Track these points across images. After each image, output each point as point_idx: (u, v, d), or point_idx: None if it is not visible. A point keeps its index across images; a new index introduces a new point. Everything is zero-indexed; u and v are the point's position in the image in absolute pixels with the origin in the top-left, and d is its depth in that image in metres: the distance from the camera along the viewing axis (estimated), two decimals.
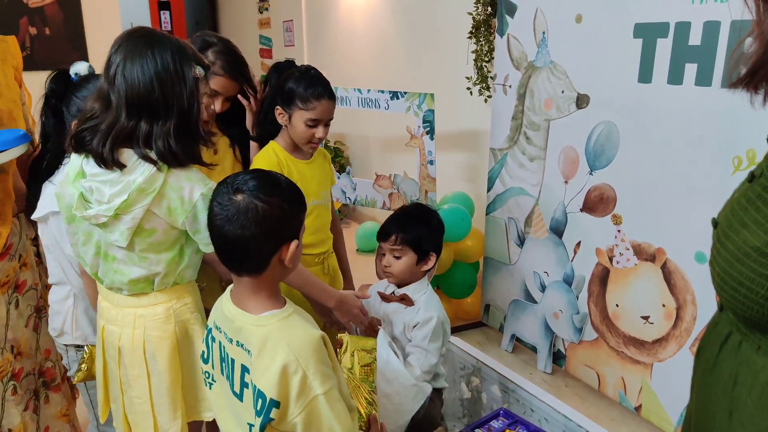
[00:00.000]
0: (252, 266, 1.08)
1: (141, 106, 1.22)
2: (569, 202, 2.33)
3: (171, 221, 1.26)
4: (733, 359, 0.77)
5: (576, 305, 2.36)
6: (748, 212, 0.72)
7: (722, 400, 0.79)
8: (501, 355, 2.70)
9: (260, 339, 1.05)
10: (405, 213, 1.81)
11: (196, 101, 1.26)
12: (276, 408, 1.02)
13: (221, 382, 1.18)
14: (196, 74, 1.27)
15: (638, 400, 2.16)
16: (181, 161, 1.25)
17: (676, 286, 1.98)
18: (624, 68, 2.02)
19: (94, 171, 1.26)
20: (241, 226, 1.04)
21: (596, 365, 2.33)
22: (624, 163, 2.09)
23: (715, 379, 0.81)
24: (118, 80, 1.21)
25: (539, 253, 2.51)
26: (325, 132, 1.69)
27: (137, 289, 1.33)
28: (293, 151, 1.73)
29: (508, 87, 2.53)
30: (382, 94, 2.87)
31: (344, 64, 4.61)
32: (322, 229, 1.82)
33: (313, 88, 1.65)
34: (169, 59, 1.22)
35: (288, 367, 1.01)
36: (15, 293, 1.51)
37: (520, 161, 2.54)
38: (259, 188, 1.06)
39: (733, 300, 0.74)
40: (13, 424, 1.50)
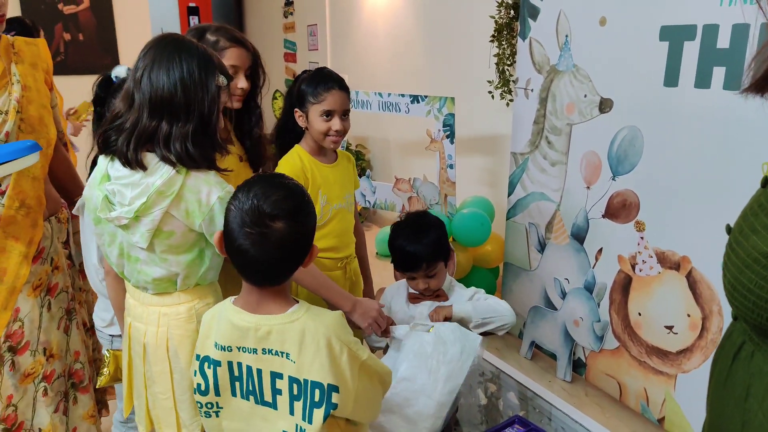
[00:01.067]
0: (274, 281, 1.12)
1: (163, 107, 1.25)
2: (591, 208, 2.29)
3: (189, 224, 1.28)
4: (746, 370, 0.75)
5: (597, 313, 2.32)
6: (758, 218, 0.71)
7: (735, 412, 0.77)
8: (520, 362, 2.66)
9: (298, 333, 1.07)
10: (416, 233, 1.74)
11: (216, 109, 1.30)
12: (336, 392, 1.05)
13: (234, 405, 1.16)
14: (219, 83, 1.30)
15: (661, 412, 2.11)
16: (198, 164, 1.27)
17: (702, 295, 1.93)
18: (649, 71, 1.98)
19: (117, 174, 1.29)
20: (281, 252, 1.07)
21: (618, 375, 2.28)
22: (648, 169, 2.04)
23: (728, 391, 0.79)
24: (144, 82, 1.25)
25: (560, 260, 2.47)
26: (342, 124, 1.68)
27: (161, 288, 1.36)
28: (317, 155, 1.74)
29: (530, 91, 2.50)
30: (402, 97, 2.86)
31: (366, 67, 4.61)
32: (346, 232, 1.82)
33: (323, 83, 1.66)
34: (195, 67, 1.26)
35: (334, 350, 1.06)
36: (47, 296, 1.54)
37: (542, 166, 2.50)
38: (294, 211, 1.08)
39: (743, 307, 0.73)
40: (43, 425, 1.53)
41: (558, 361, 2.54)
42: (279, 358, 1.08)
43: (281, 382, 1.09)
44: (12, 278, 1.44)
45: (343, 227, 1.80)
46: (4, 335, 1.45)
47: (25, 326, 1.48)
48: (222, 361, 1.13)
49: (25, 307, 1.48)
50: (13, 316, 1.46)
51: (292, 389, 1.08)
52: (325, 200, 1.70)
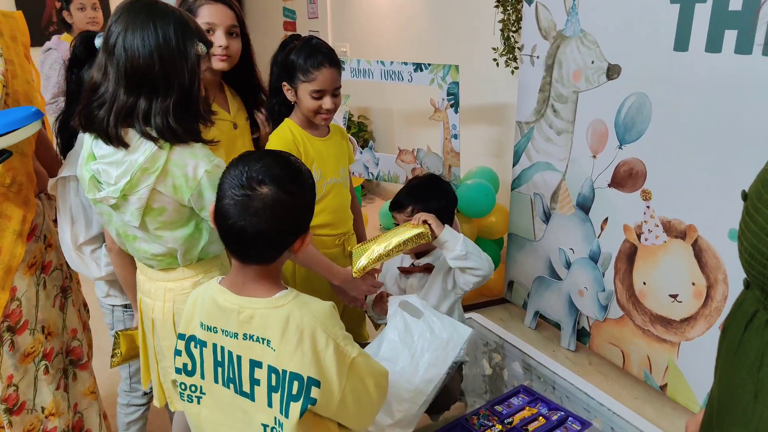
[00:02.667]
0: (265, 257, 1.04)
1: (141, 81, 1.19)
2: (597, 177, 2.26)
3: (178, 199, 1.25)
4: (759, 339, 0.74)
5: (602, 282, 2.31)
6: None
7: (747, 382, 0.75)
8: (524, 332, 2.67)
9: (281, 320, 1.00)
10: (420, 184, 1.76)
11: (197, 78, 1.23)
12: (317, 387, 0.98)
13: (216, 392, 1.09)
14: (199, 51, 1.22)
15: (664, 379, 2.12)
16: (181, 138, 1.22)
17: (708, 264, 1.91)
18: (659, 36, 1.93)
19: (101, 152, 1.25)
20: (266, 220, 0.98)
21: (621, 343, 2.28)
22: (655, 137, 2.01)
23: (740, 360, 0.78)
24: (118, 51, 1.18)
25: (565, 230, 2.46)
26: (333, 102, 1.63)
27: (164, 264, 1.34)
28: (308, 128, 1.68)
29: (536, 58, 2.46)
30: (405, 66, 2.81)
31: (368, 35, 4.53)
32: (342, 208, 1.78)
33: (312, 58, 1.59)
34: (171, 33, 1.19)
35: (318, 342, 0.99)
36: (42, 274, 1.52)
37: (547, 135, 2.47)
38: (284, 179, 1.00)
39: (761, 277, 0.71)
40: (45, 402, 1.53)
41: (562, 330, 2.54)
42: (260, 344, 1.01)
43: (260, 372, 1.02)
44: (8, 257, 1.42)
45: (339, 203, 1.75)
46: (2, 315, 1.43)
47: (23, 305, 1.46)
48: (208, 342, 1.08)
49: (21, 286, 1.46)
50: (10, 296, 1.45)
51: (270, 379, 1.01)
52: (319, 174, 1.66)
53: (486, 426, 1.64)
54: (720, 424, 0.84)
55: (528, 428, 1.63)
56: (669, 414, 2.09)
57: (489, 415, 1.68)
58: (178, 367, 1.11)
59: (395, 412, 1.42)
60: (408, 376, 1.44)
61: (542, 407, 1.72)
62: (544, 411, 1.70)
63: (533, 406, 1.73)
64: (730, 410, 0.80)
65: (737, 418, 0.78)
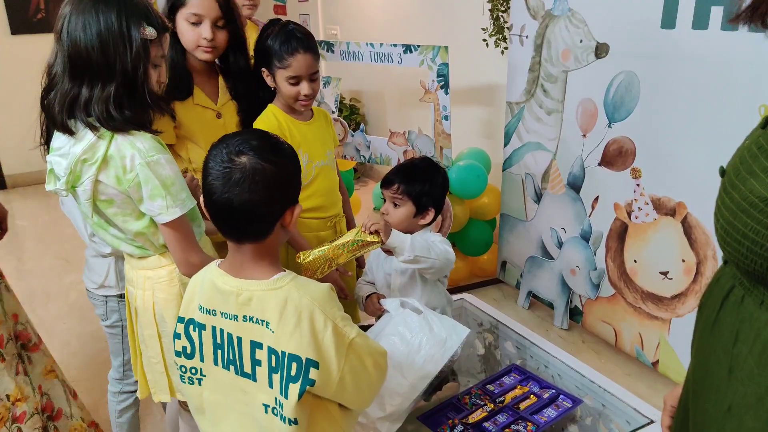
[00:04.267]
0: (256, 232, 1.03)
1: (83, 68, 1.16)
2: (587, 157, 2.27)
3: (121, 191, 1.22)
4: (735, 315, 0.74)
5: (593, 261, 2.33)
6: (757, 160, 0.68)
7: (722, 358, 0.76)
8: (517, 312, 2.69)
9: (280, 302, 1.00)
10: (411, 165, 1.75)
11: (142, 64, 1.19)
12: (315, 368, 0.99)
13: (216, 374, 1.10)
14: (146, 35, 1.18)
15: (655, 355, 2.14)
16: (120, 127, 1.18)
17: (697, 241, 1.93)
18: (646, 14, 1.92)
19: (56, 144, 1.24)
20: (249, 189, 0.97)
21: (613, 321, 2.30)
22: (644, 115, 2.01)
23: (716, 336, 0.78)
24: (63, 36, 1.16)
25: (556, 209, 2.46)
26: (311, 87, 1.62)
27: (138, 252, 1.33)
28: (292, 113, 1.68)
29: (525, 38, 2.44)
30: (394, 47, 2.79)
31: (357, 17, 4.49)
32: (331, 191, 1.79)
33: (286, 44, 1.57)
34: (114, 18, 1.15)
35: (316, 324, 1.00)
36: None
37: (537, 115, 2.47)
38: (263, 149, 1.00)
39: (736, 253, 0.71)
40: (9, 390, 1.52)
41: (555, 309, 2.56)
42: (259, 326, 1.02)
43: (261, 353, 1.03)
44: None
45: (329, 185, 1.76)
46: None
47: None
48: (206, 324, 1.08)
49: None
50: None
51: (270, 360, 1.01)
52: (307, 158, 1.66)
53: (478, 405, 1.66)
54: (695, 400, 0.84)
55: (519, 406, 1.65)
56: (661, 390, 2.12)
57: (481, 395, 1.71)
58: (177, 350, 1.12)
59: (387, 405, 1.44)
60: (404, 371, 1.45)
61: (534, 386, 1.74)
62: (536, 389, 1.73)
63: (525, 385, 1.75)
64: (705, 386, 0.81)
65: (712, 394, 0.78)
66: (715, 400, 0.77)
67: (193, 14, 1.54)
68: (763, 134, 0.70)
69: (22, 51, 4.54)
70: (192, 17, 1.54)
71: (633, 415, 1.57)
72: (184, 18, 1.56)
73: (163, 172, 1.22)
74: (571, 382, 1.75)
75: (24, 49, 4.53)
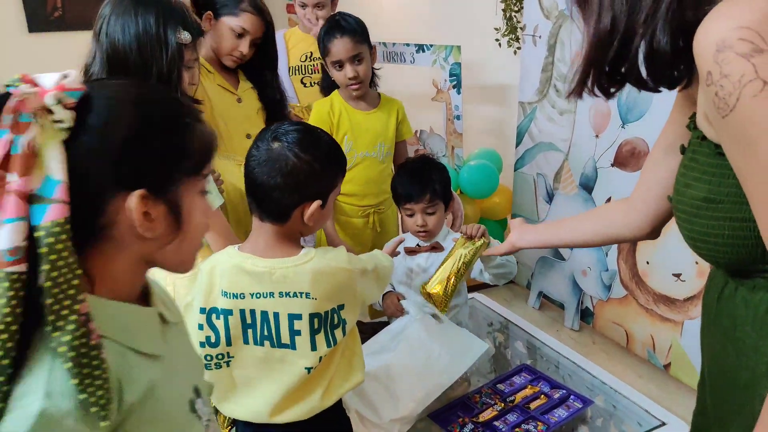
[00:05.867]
0: (273, 213, 1.10)
1: (120, 69, 1.19)
2: (600, 157, 2.26)
3: None
4: (731, 305, 0.79)
5: (605, 262, 2.32)
6: (687, 174, 0.77)
7: (727, 346, 0.80)
8: (528, 312, 2.68)
9: (313, 272, 1.09)
10: (420, 168, 1.75)
11: (176, 68, 1.22)
12: (342, 310, 1.13)
13: (247, 352, 1.15)
14: (181, 39, 1.21)
15: (667, 358, 2.13)
16: None
17: None
18: None
19: None
20: (268, 173, 1.06)
21: (625, 323, 2.29)
22: (658, 115, 2.00)
23: (718, 328, 0.82)
24: (102, 36, 1.20)
25: (568, 210, 2.46)
26: (354, 70, 1.72)
27: None
28: (352, 100, 1.78)
29: (538, 38, 2.44)
30: (407, 47, 2.80)
31: (369, 16, 4.48)
32: (371, 182, 1.84)
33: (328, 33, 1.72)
34: (152, 21, 1.18)
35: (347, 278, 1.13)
36: None
37: (550, 115, 2.46)
38: (296, 141, 1.08)
39: (709, 253, 0.77)
40: None
41: (566, 310, 2.56)
42: (298, 299, 1.09)
43: (300, 323, 1.10)
44: None
45: (369, 176, 1.82)
46: None
47: None
48: (234, 309, 1.12)
49: None
50: None
51: (312, 325, 1.10)
52: (350, 146, 1.74)
53: (488, 404, 1.66)
54: (713, 394, 0.87)
55: (530, 406, 1.65)
56: (672, 393, 2.10)
57: (491, 394, 1.71)
58: (201, 341, 1.16)
59: (401, 409, 1.45)
60: (421, 378, 1.47)
61: (544, 386, 1.74)
62: (546, 389, 1.72)
63: (535, 385, 1.74)
64: (718, 377, 0.84)
65: (726, 382, 0.82)
66: (730, 385, 0.80)
67: (242, 27, 1.63)
68: (685, 156, 0.80)
69: (40, 49, 4.59)
70: (239, 29, 1.63)
71: (644, 417, 1.56)
72: (230, 26, 1.64)
73: None
74: (582, 383, 1.74)
75: (41, 47, 4.58)
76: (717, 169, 0.72)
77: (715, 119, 0.66)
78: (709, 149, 0.73)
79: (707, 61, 0.63)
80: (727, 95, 0.62)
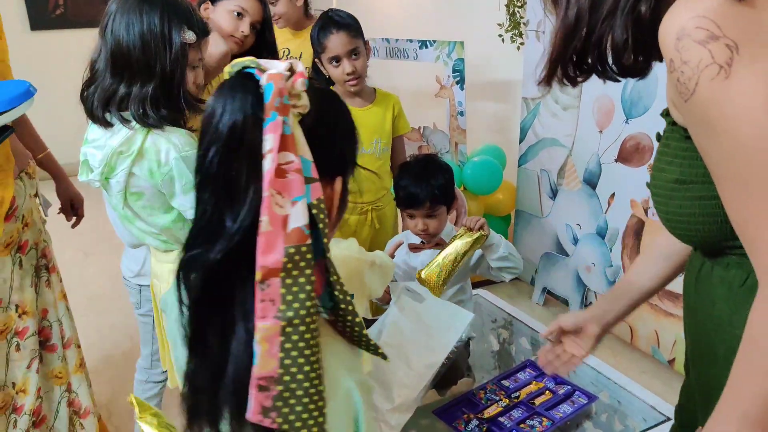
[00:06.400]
0: None
1: (123, 66, 1.19)
2: (603, 153, 2.25)
3: (153, 184, 1.25)
4: (708, 283, 0.83)
5: (609, 258, 2.32)
6: (661, 159, 0.82)
7: (707, 323, 0.84)
8: (532, 309, 2.69)
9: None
10: (422, 171, 1.72)
11: (179, 67, 1.22)
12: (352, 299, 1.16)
13: None
14: (185, 39, 1.21)
15: (672, 353, 2.13)
16: (154, 124, 1.21)
17: None
18: None
19: (92, 136, 1.27)
20: None
21: (629, 318, 2.29)
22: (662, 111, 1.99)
23: (698, 307, 0.87)
24: (107, 35, 1.20)
25: (572, 206, 2.45)
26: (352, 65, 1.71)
27: (164, 246, 1.35)
28: (347, 97, 1.77)
29: (542, 33, 2.43)
30: (410, 43, 2.80)
31: (372, 12, 4.49)
32: (368, 178, 1.82)
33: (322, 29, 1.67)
34: (157, 20, 1.18)
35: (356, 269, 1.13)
36: (18, 253, 1.50)
37: (553, 111, 2.46)
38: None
39: (686, 233, 0.81)
40: (16, 379, 1.52)
41: (570, 306, 2.56)
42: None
43: None
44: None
45: (365, 173, 1.81)
46: None
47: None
48: None
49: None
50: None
51: None
52: None
53: (493, 400, 1.66)
54: (695, 371, 0.93)
55: (534, 402, 1.65)
56: (677, 388, 2.08)
57: (496, 390, 1.71)
58: None
59: (395, 396, 1.44)
60: (409, 361, 1.45)
61: (549, 381, 1.74)
62: (551, 385, 1.72)
63: (540, 381, 1.74)
64: (700, 355, 0.89)
65: (706, 358, 0.87)
66: (710, 362, 0.84)
67: (240, 7, 1.63)
68: (660, 144, 0.84)
69: (42, 47, 4.59)
70: (237, 8, 1.63)
71: (649, 412, 1.56)
72: (228, 8, 1.64)
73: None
74: (587, 379, 1.74)
75: (43, 45, 4.59)
76: (687, 152, 0.76)
77: (680, 104, 0.70)
78: (679, 134, 0.77)
79: (669, 49, 0.67)
80: (687, 80, 0.66)
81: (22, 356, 1.53)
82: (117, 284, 2.67)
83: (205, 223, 0.64)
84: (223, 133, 0.61)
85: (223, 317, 0.63)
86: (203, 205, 0.65)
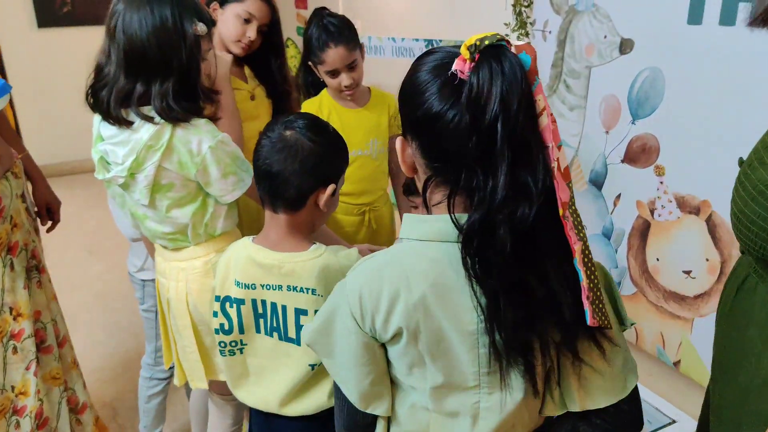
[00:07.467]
0: (290, 200, 1.12)
1: (139, 65, 1.19)
2: (610, 153, 2.24)
3: (184, 175, 1.27)
4: (748, 301, 0.78)
5: (615, 259, 2.31)
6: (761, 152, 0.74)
7: (737, 341, 0.80)
8: None
9: (322, 269, 1.10)
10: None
11: (196, 60, 1.23)
12: None
13: (259, 341, 1.19)
14: (197, 31, 1.22)
15: (677, 355, 2.12)
16: (180, 119, 1.23)
17: (722, 239, 1.90)
18: (672, 9, 1.89)
19: (108, 133, 1.27)
20: (285, 159, 1.09)
21: (634, 320, 2.28)
22: (669, 112, 1.98)
23: (731, 321, 0.83)
24: (118, 34, 1.19)
25: (578, 206, 2.44)
26: (350, 78, 1.67)
27: (176, 243, 1.36)
28: (341, 99, 1.75)
29: (548, 33, 2.42)
30: (417, 42, 2.79)
31: (379, 11, 4.49)
32: (366, 180, 1.81)
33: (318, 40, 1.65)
34: (168, 14, 1.19)
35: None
36: (9, 255, 1.48)
37: (560, 111, 2.45)
38: (307, 127, 1.12)
39: (747, 240, 0.75)
40: (15, 382, 1.52)
41: None
42: (305, 294, 1.11)
43: (306, 318, 1.11)
44: None
45: (364, 174, 1.79)
46: None
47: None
48: (246, 299, 1.15)
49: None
50: None
51: None
52: None
53: None
54: (714, 385, 0.90)
55: None
56: (682, 390, 2.10)
57: None
58: (216, 328, 1.20)
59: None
60: None
61: None
62: None
63: None
64: (723, 370, 0.86)
65: (728, 377, 0.83)
66: (731, 381, 0.81)
67: (248, 12, 1.62)
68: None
69: (49, 44, 4.61)
70: (245, 14, 1.62)
71: (654, 415, 1.56)
72: (236, 13, 1.63)
73: (229, 148, 1.28)
74: None
75: (51, 43, 4.61)
76: None
77: None
78: None
79: None
80: None
81: (20, 359, 1.52)
82: (122, 282, 2.69)
83: (501, 187, 0.69)
84: (510, 102, 0.68)
85: (536, 262, 0.73)
86: (475, 175, 0.71)
